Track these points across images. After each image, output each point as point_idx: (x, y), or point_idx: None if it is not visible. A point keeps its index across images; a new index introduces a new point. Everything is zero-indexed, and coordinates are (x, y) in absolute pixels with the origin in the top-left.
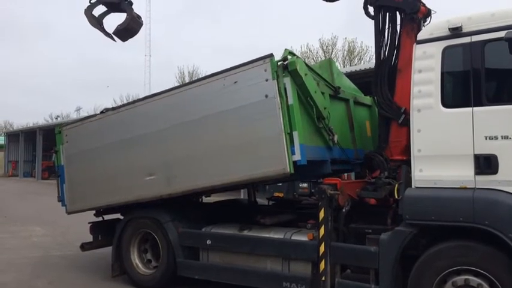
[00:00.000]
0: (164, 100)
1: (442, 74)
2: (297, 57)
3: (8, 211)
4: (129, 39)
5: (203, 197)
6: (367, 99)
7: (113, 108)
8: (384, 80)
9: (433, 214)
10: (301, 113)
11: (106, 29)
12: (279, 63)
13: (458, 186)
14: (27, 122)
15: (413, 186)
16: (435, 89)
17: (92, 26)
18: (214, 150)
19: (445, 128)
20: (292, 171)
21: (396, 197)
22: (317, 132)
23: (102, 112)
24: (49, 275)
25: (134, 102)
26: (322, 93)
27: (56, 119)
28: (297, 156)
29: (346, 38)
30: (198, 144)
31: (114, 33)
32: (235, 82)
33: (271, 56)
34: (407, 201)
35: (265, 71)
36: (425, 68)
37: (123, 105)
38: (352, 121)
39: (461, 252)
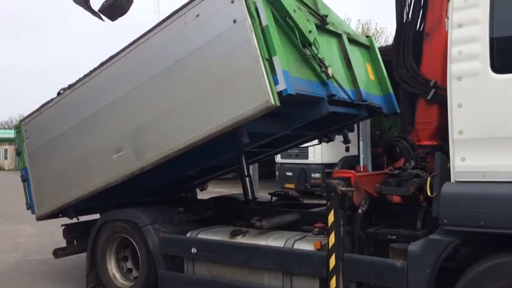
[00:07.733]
0: (123, 60)
1: (492, 27)
2: None
3: (4, 208)
4: (119, 18)
5: (197, 191)
6: (364, 39)
7: (69, 86)
8: (408, 49)
9: (481, 218)
10: (280, 36)
11: (92, 7)
12: None
13: None
14: None
15: (452, 180)
16: (482, 48)
17: (76, 3)
18: (185, 101)
19: (496, 101)
20: (278, 104)
21: (429, 194)
22: (305, 61)
23: (58, 94)
24: (18, 285)
25: (90, 72)
26: (307, 20)
27: None
28: (281, 86)
29: (359, 20)
30: (166, 99)
31: (100, 10)
32: (197, 15)
33: None
34: (446, 200)
35: None
36: (468, 21)
37: (79, 79)
38: (348, 59)
39: None
